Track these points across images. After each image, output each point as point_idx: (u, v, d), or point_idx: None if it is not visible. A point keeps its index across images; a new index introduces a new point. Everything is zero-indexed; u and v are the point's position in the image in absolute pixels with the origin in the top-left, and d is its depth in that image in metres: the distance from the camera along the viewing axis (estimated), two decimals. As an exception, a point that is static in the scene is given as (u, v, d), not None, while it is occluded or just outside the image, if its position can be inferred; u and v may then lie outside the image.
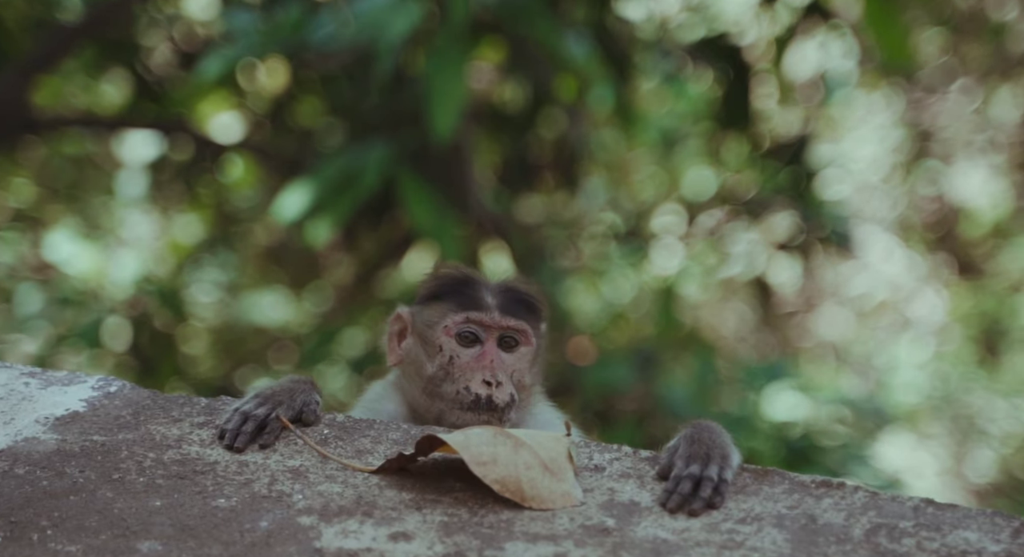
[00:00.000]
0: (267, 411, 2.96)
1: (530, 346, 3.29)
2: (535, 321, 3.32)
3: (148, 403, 3.05)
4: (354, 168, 6.98)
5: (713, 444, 2.80)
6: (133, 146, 9.73)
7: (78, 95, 10.05)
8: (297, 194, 7.10)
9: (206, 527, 2.65)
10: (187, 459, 2.86)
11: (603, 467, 2.88)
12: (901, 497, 2.74)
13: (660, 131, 10.08)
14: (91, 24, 8.49)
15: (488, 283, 3.35)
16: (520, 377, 3.26)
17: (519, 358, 3.28)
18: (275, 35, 6.66)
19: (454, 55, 6.38)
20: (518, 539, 2.65)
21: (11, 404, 3.03)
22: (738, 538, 2.64)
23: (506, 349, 3.28)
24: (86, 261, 9.72)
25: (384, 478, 2.83)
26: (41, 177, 10.87)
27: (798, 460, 8.16)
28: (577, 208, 10.31)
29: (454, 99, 6.39)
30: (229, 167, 9.64)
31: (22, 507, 2.67)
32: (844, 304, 12.34)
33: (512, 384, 3.22)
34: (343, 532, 2.66)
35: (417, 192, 7.04)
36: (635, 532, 2.67)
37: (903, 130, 12.09)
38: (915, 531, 2.65)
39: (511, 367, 3.26)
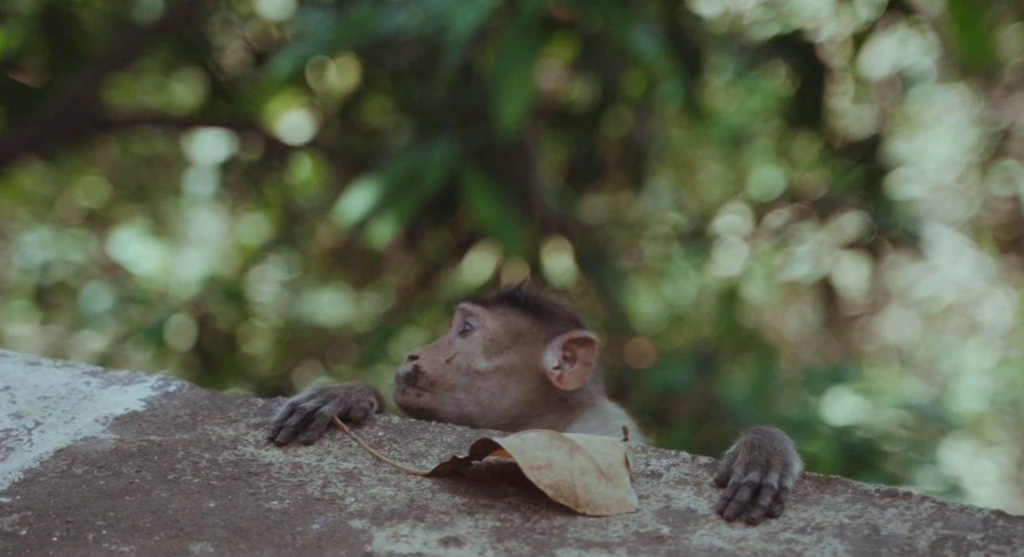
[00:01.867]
0: (316, 405, 2.97)
1: (483, 329, 3.29)
2: (509, 311, 3.31)
3: (206, 403, 3.05)
4: (418, 166, 6.96)
5: (774, 451, 2.75)
6: (204, 145, 9.80)
7: (151, 94, 10.14)
8: (361, 193, 7.09)
9: (258, 529, 2.64)
10: (242, 460, 2.85)
11: (660, 473, 2.84)
12: (970, 508, 2.68)
13: (729, 129, 9.99)
14: (165, 23, 8.56)
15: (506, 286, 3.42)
16: (467, 360, 3.26)
17: (468, 341, 3.29)
18: (345, 32, 6.65)
19: (523, 51, 6.34)
20: (570, 546, 2.62)
21: (72, 403, 3.04)
22: (797, 548, 2.59)
23: (464, 334, 3.30)
24: (152, 260, 9.80)
25: (437, 481, 2.81)
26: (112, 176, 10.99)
27: (858, 465, 8.05)
28: (642, 207, 10.25)
29: (521, 95, 6.35)
30: (297, 166, 9.68)
31: (79, 507, 2.68)
32: (911, 307, 12.18)
33: (440, 362, 3.24)
34: (394, 536, 2.64)
35: (481, 190, 7.01)
36: (690, 540, 2.63)
37: (980, 129, 11.89)
38: (984, 544, 2.58)
39: (456, 349, 3.27)
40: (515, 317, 3.31)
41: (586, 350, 3.32)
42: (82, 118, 8.77)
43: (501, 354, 3.27)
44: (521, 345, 3.29)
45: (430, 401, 3.20)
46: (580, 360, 3.31)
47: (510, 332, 3.29)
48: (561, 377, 3.29)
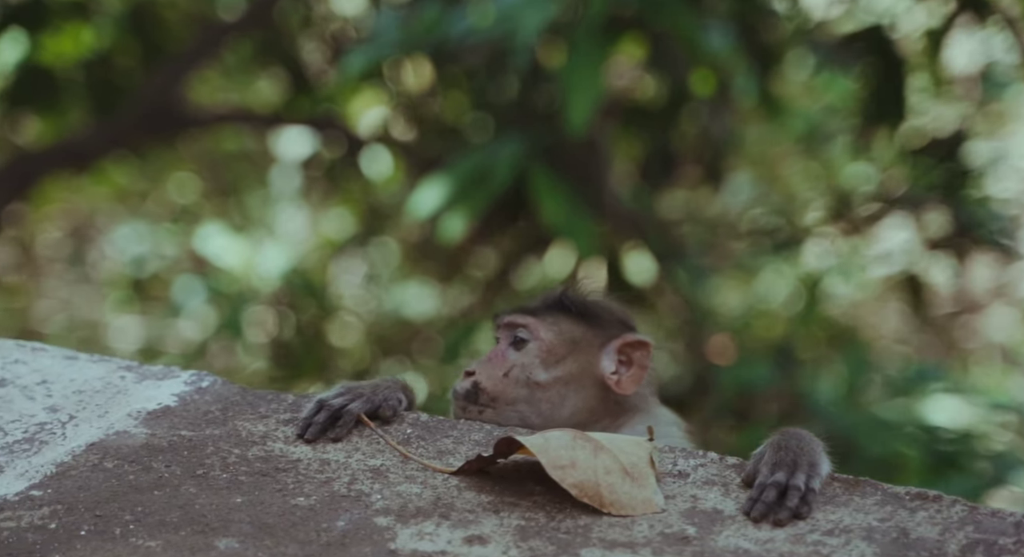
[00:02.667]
0: (343, 402, 2.97)
1: (539, 341, 3.25)
2: (561, 319, 3.27)
3: (237, 399, 3.07)
4: (487, 163, 6.96)
5: (801, 451, 2.71)
6: (287, 142, 9.90)
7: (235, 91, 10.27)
8: (432, 189, 7.12)
9: (284, 526, 2.66)
10: (270, 456, 2.87)
11: (687, 473, 2.81)
12: (1002, 512, 2.62)
13: (807, 125, 9.88)
14: (247, 20, 8.66)
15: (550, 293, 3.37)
16: (525, 372, 3.22)
17: (524, 354, 3.24)
18: (415, 33, 6.68)
19: (591, 50, 6.32)
20: (594, 546, 2.60)
21: (107, 397, 3.08)
22: (824, 551, 2.55)
23: (517, 347, 3.26)
24: (236, 255, 9.91)
25: (464, 479, 2.80)
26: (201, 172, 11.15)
27: (947, 466, 7.91)
28: (721, 204, 10.17)
29: (590, 95, 6.32)
30: (376, 163, 9.74)
31: (108, 501, 2.71)
32: (1013, 305, 11.94)
33: (497, 377, 3.20)
34: (419, 534, 2.64)
35: (549, 188, 6.99)
36: (716, 541, 2.60)
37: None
38: (1016, 548, 2.53)
39: (512, 363, 3.23)
40: (567, 325, 3.28)
41: (641, 353, 3.30)
42: (167, 115, 8.91)
43: (559, 364, 3.25)
44: (577, 353, 3.27)
45: (492, 416, 3.18)
46: (636, 363, 3.29)
47: (565, 341, 3.26)
48: (619, 382, 3.27)
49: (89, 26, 8.73)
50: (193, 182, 11.24)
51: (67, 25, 8.66)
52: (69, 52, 8.68)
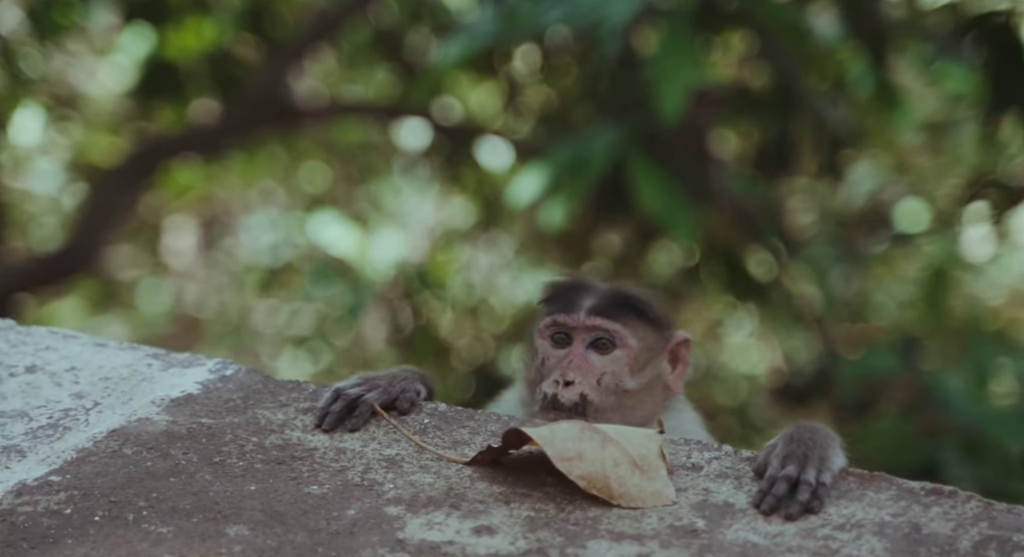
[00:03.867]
0: (360, 393, 2.97)
1: (627, 348, 3.19)
2: (638, 324, 3.22)
3: (259, 387, 3.09)
4: (585, 151, 6.92)
5: (813, 445, 2.65)
6: (406, 133, 9.98)
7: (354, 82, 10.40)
8: (531, 177, 7.12)
9: (295, 514, 2.67)
10: (287, 444, 2.88)
11: (700, 466, 2.76)
12: (1018, 508, 2.54)
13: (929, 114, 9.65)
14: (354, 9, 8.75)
15: (595, 287, 3.28)
16: (616, 380, 3.17)
17: (613, 360, 3.19)
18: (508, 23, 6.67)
19: (682, 38, 6.25)
20: (602, 538, 2.57)
21: (132, 385, 3.12)
22: (833, 545, 2.49)
23: (600, 351, 3.19)
24: (351, 243, 10.02)
25: (477, 470, 2.79)
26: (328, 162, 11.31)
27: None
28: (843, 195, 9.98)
29: (681, 82, 6.24)
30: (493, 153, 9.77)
31: (123, 487, 2.75)
32: None
33: (594, 386, 3.14)
34: (428, 524, 2.63)
35: (648, 176, 6.92)
36: (725, 535, 2.55)
37: None
38: None
39: (600, 369, 3.17)
40: (644, 331, 3.23)
41: (685, 350, 3.28)
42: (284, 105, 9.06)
43: (642, 372, 3.22)
44: (653, 359, 3.25)
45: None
46: (682, 361, 3.27)
47: (645, 348, 3.23)
48: (673, 382, 3.25)
49: (209, 20, 8.93)
50: (322, 172, 11.40)
51: (188, 20, 8.87)
52: (192, 46, 8.90)
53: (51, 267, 8.67)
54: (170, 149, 9.12)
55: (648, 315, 3.23)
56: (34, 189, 11.19)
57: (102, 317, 11.61)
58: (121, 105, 10.16)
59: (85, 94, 10.43)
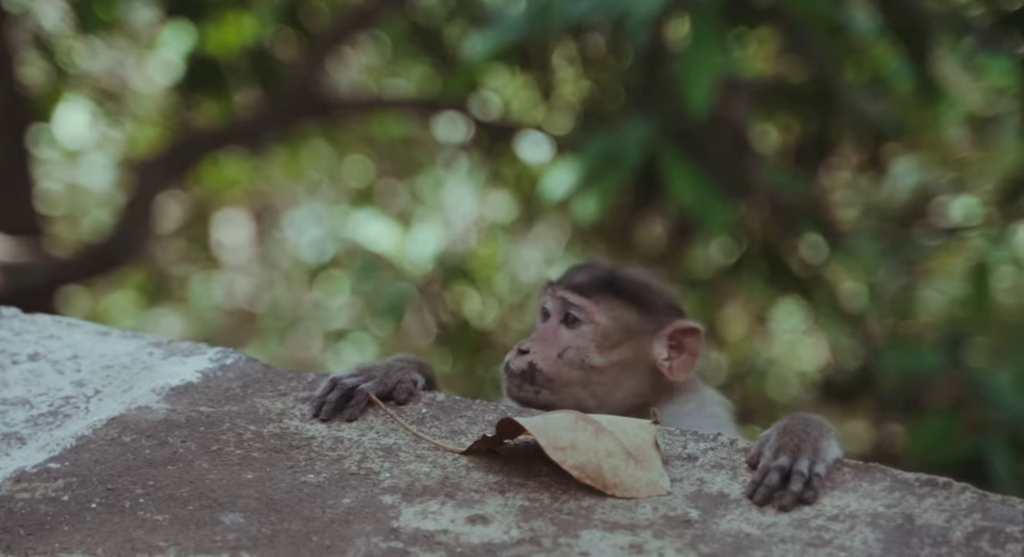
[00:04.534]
0: (356, 382, 2.98)
1: (593, 324, 3.18)
2: (615, 303, 3.20)
3: (259, 376, 3.10)
4: (617, 145, 6.90)
5: (806, 436, 2.63)
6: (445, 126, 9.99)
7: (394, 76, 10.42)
8: (563, 172, 7.11)
9: (290, 502, 2.67)
10: (285, 433, 2.89)
11: (696, 457, 2.74)
12: (1012, 500, 2.52)
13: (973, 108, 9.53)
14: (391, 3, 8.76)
15: (595, 268, 3.28)
16: (580, 355, 3.16)
17: (578, 335, 3.18)
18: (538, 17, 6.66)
19: (710, 30, 6.21)
20: (596, 527, 2.56)
21: (133, 373, 3.14)
22: (826, 536, 2.47)
23: (569, 325, 3.20)
24: (391, 238, 10.04)
25: (473, 459, 2.78)
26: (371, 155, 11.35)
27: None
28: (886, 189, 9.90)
29: (709, 74, 6.21)
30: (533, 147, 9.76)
31: (121, 475, 2.76)
32: None
33: (552, 358, 3.14)
34: (423, 513, 2.63)
35: (680, 169, 6.87)
36: (718, 525, 2.53)
37: None
38: (1023, 537, 2.43)
39: (566, 343, 3.17)
40: (621, 310, 3.22)
41: (692, 339, 3.24)
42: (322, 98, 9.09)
43: (613, 350, 3.20)
44: (631, 340, 3.22)
45: (549, 397, 3.15)
46: (687, 350, 3.23)
47: (619, 327, 3.21)
48: (671, 368, 3.21)
49: (249, 16, 8.99)
50: (365, 166, 11.44)
51: (228, 16, 8.93)
52: (232, 41, 8.96)
53: (95, 259, 8.74)
54: (211, 142, 9.19)
55: (628, 295, 3.21)
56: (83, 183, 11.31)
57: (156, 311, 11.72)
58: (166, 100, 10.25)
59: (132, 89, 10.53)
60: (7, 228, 8.03)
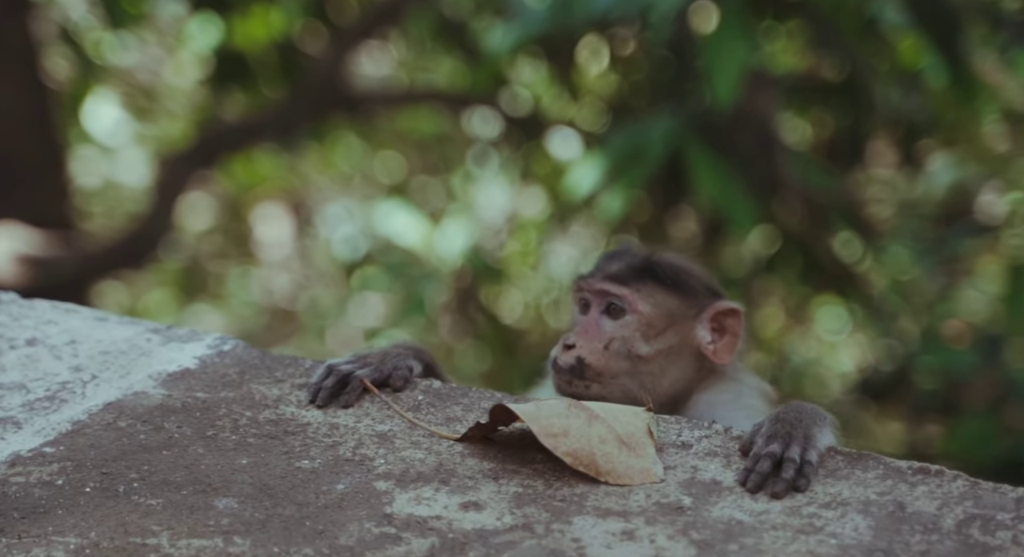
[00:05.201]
0: (352, 369, 2.97)
1: (636, 314, 3.14)
2: (656, 290, 3.16)
3: (256, 363, 3.11)
4: (642, 140, 6.86)
5: (798, 423, 2.61)
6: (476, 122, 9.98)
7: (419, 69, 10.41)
8: (589, 167, 7.08)
9: (284, 487, 2.67)
10: (281, 419, 2.89)
11: (690, 444, 2.72)
12: (1004, 488, 2.50)
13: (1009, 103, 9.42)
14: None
15: (629, 254, 3.24)
16: (627, 345, 3.12)
17: (623, 326, 3.14)
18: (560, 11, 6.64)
19: (735, 22, 6.18)
20: (588, 514, 2.54)
21: (131, 359, 3.15)
22: (818, 523, 2.45)
23: (612, 316, 3.16)
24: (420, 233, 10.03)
25: (468, 446, 2.77)
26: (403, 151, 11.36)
27: None
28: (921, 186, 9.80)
29: (734, 66, 6.17)
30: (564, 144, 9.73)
31: (116, 459, 2.77)
32: None
33: (599, 350, 3.10)
34: (416, 499, 2.62)
35: (705, 163, 6.84)
36: (710, 512, 2.51)
37: None
38: (1013, 524, 2.42)
39: (611, 334, 3.13)
40: (662, 296, 3.18)
41: (733, 320, 3.21)
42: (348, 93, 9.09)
43: (658, 337, 3.16)
44: (675, 325, 3.19)
45: (599, 391, 3.11)
46: (729, 331, 3.21)
47: (662, 314, 3.17)
48: (715, 351, 3.19)
49: (276, 9, 9.00)
50: (397, 161, 11.45)
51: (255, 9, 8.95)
52: (260, 35, 8.97)
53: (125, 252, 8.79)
54: (240, 136, 9.21)
55: (667, 281, 3.18)
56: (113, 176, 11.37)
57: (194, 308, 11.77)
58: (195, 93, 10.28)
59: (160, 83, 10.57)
60: (37, 222, 8.09)
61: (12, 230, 7.99)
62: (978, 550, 2.35)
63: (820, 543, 2.39)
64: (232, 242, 12.31)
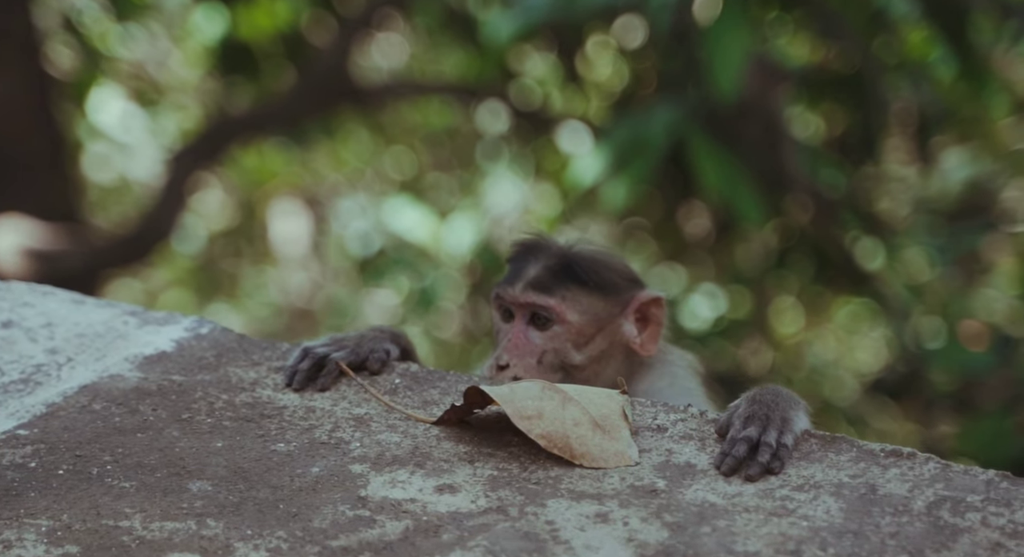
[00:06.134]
0: (328, 351, 2.95)
1: (565, 324, 3.07)
2: (581, 294, 3.08)
3: (233, 346, 3.10)
4: (645, 130, 6.83)
5: (775, 406, 2.59)
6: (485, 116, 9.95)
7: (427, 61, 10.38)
8: (592, 158, 7.05)
9: (259, 470, 2.66)
10: (257, 402, 2.88)
11: (665, 427, 2.70)
12: (975, 471, 2.50)
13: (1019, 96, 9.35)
14: None
15: (545, 254, 3.12)
16: (559, 357, 3.06)
17: (552, 337, 3.07)
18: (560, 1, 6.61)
19: (737, 10, 6.14)
20: (562, 497, 2.52)
21: (107, 341, 3.14)
22: (790, 506, 2.43)
23: (538, 327, 3.08)
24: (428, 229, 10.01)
25: (444, 430, 2.76)
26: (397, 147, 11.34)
27: None
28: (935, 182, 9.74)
29: (737, 55, 6.13)
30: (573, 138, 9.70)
31: (90, 442, 2.76)
32: None
33: (533, 366, 3.03)
34: (391, 482, 2.61)
35: (709, 154, 6.79)
36: (684, 495, 2.49)
37: None
38: (982, 506, 2.40)
39: (540, 347, 3.07)
40: (587, 301, 3.09)
41: (656, 309, 3.15)
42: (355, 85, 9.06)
43: (589, 344, 3.10)
44: (604, 328, 3.12)
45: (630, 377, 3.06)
46: (652, 321, 3.15)
47: (591, 320, 3.10)
48: (643, 344, 3.13)
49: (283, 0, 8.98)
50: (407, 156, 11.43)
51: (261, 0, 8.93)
52: (265, 25, 8.94)
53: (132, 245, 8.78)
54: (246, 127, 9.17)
55: (592, 283, 3.09)
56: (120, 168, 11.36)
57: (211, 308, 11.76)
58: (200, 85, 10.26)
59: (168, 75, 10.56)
60: (43, 215, 8.09)
61: (17, 223, 7.99)
62: (947, 531, 2.34)
63: (792, 525, 2.38)
64: (246, 240, 12.30)
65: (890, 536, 2.33)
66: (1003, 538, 2.33)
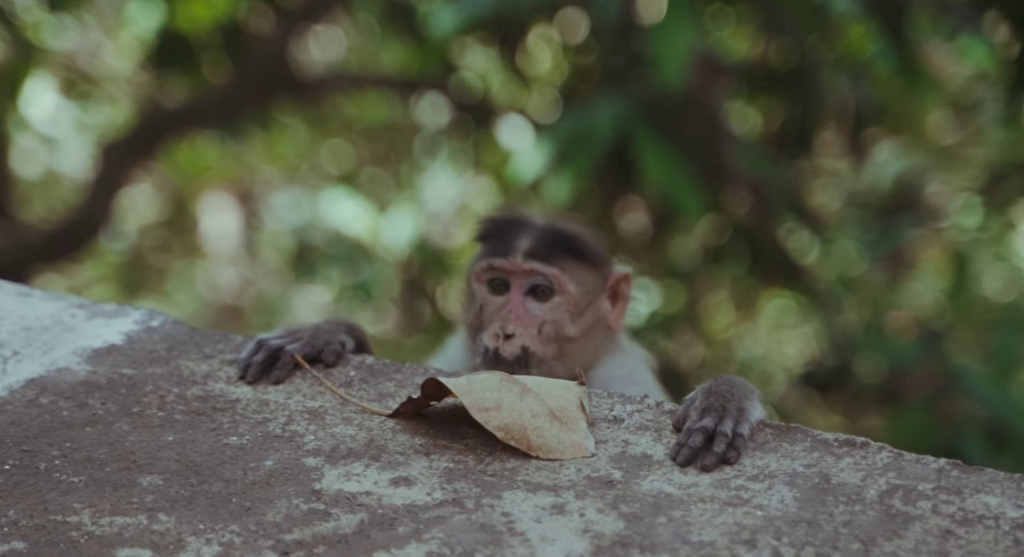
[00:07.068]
0: (282, 343, 2.93)
1: (566, 294, 3.07)
2: (576, 266, 3.08)
3: (185, 339, 3.07)
4: (589, 124, 6.83)
5: (731, 397, 2.60)
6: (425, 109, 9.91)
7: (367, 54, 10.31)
8: (534, 153, 7.04)
9: (211, 464, 2.64)
10: (210, 395, 2.85)
11: (622, 419, 2.71)
12: (926, 459, 2.53)
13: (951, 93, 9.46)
14: None
15: (531, 225, 3.11)
16: (556, 328, 3.05)
17: (553, 308, 3.06)
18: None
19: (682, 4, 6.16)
20: (518, 488, 2.52)
21: (54, 334, 3.10)
22: (745, 495, 2.45)
23: (538, 298, 3.07)
24: (365, 223, 9.97)
25: (399, 422, 2.75)
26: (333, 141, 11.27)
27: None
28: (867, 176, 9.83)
29: (682, 46, 6.14)
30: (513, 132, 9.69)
31: (37, 436, 2.72)
32: None
33: (535, 336, 3.02)
34: (346, 475, 2.60)
35: (653, 149, 6.81)
36: (640, 486, 2.50)
37: None
38: (933, 494, 2.44)
39: (541, 317, 3.05)
40: (582, 273, 3.09)
41: (626, 285, 3.16)
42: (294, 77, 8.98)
43: (582, 316, 3.10)
44: (593, 302, 3.12)
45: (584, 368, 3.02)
46: (622, 297, 3.16)
47: (585, 292, 3.10)
48: (614, 320, 3.13)
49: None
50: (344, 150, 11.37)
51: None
52: (203, 16, 8.83)
53: (62, 240, 8.66)
54: (182, 120, 9.06)
55: (586, 255, 3.09)
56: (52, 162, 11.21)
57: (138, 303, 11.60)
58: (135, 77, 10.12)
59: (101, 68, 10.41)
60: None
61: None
62: (899, 520, 2.37)
63: (747, 515, 2.39)
64: (176, 235, 12.17)
65: (843, 525, 2.35)
66: (953, 525, 2.36)
